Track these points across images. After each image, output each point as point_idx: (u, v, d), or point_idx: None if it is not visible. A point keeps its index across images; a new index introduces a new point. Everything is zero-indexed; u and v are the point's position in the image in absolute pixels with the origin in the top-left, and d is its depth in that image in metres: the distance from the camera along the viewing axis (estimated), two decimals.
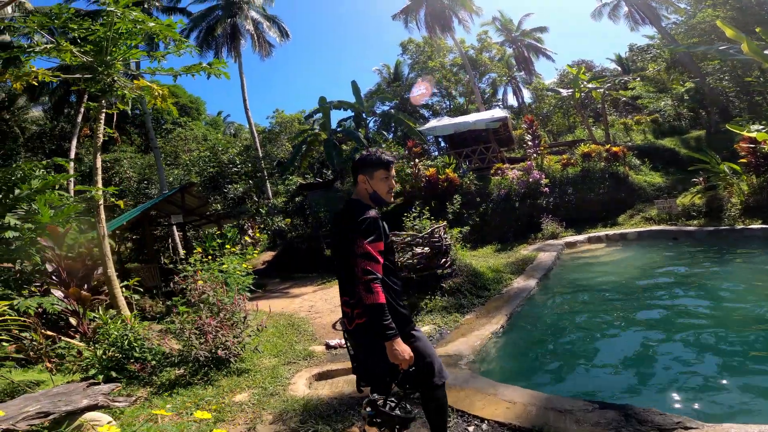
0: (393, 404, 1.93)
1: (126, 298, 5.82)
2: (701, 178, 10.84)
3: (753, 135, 8.86)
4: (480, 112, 23.05)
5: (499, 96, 39.65)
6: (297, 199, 14.89)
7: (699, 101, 20.36)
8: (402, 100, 33.92)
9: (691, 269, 6.67)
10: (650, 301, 5.42)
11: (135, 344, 4.43)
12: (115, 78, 5.69)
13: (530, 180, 12.65)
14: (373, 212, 2.10)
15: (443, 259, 6.42)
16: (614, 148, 13.48)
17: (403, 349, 1.92)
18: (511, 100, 40.37)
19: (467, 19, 29.49)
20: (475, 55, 35.26)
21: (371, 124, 31.42)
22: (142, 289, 6.16)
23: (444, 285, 6.24)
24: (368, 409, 1.93)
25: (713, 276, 6.11)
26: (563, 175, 13.16)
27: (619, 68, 34.08)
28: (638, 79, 24.54)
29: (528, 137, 15.08)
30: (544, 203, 12.05)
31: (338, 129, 20.34)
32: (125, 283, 5.83)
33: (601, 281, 6.75)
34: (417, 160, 14.90)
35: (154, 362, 4.42)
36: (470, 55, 34.51)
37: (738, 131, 9.50)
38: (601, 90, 18.99)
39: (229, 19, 22.35)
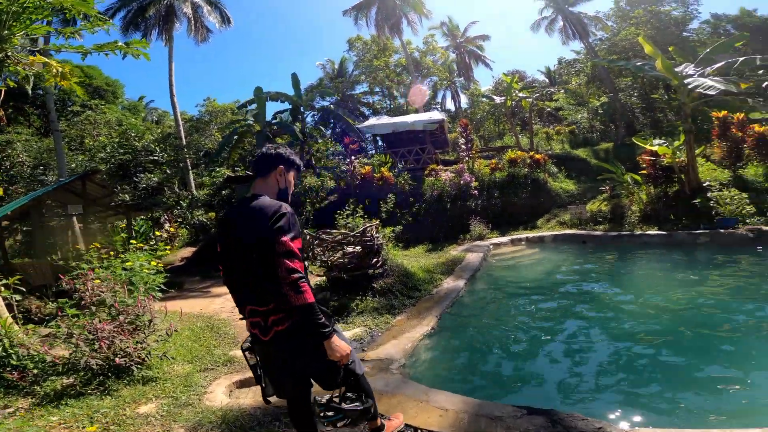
0: (352, 396, 1.98)
1: (5, 298, 4.97)
2: (608, 187, 12.01)
3: (654, 149, 10.00)
4: (418, 114, 23.56)
5: (438, 99, 41.02)
6: (224, 192, 13.99)
7: (610, 115, 22.72)
8: (343, 97, 33.61)
9: (598, 270, 7.34)
10: (567, 301, 5.82)
11: (11, 351, 3.87)
12: (9, 53, 4.89)
13: (461, 182, 13.12)
14: (288, 206, 1.93)
15: (375, 259, 6.35)
16: (537, 156, 14.47)
17: (341, 345, 1.89)
18: (449, 104, 42.01)
19: (416, 22, 30.25)
20: (419, 57, 36.11)
21: (309, 119, 30.75)
22: (24, 289, 5.28)
23: (375, 285, 6.16)
24: (329, 413, 1.95)
25: (618, 277, 6.78)
26: (491, 179, 13.83)
27: (547, 80, 36.94)
28: (562, 91, 26.78)
29: (462, 141, 15.65)
30: (473, 205, 12.55)
31: (273, 121, 19.52)
32: (4, 281, 4.97)
33: (524, 281, 7.13)
34: (354, 158, 14.77)
35: (36, 370, 3.88)
36: (415, 57, 35.32)
37: (642, 144, 10.66)
38: (530, 99, 20.38)
39: (165, 0, 20.45)
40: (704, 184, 9.19)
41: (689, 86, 8.74)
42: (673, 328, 4.40)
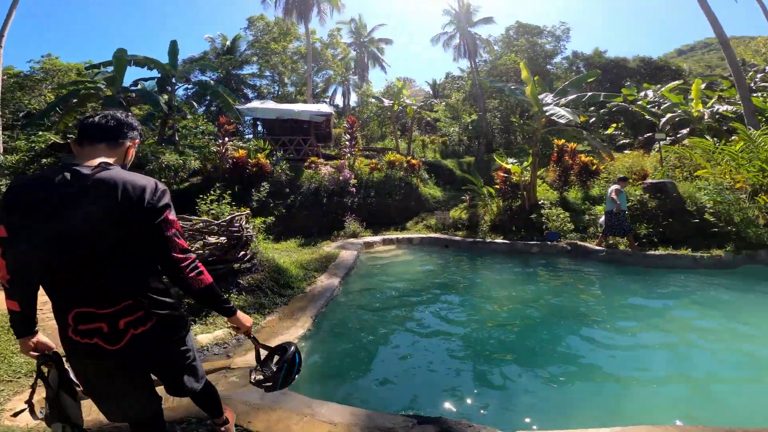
0: (276, 363, 2.02)
1: None
2: (468, 197, 13.44)
3: (508, 166, 11.52)
4: (307, 105, 22.93)
5: (329, 93, 40.76)
6: (45, 160, 11.31)
7: (477, 132, 25.59)
8: (228, 75, 30.74)
9: (458, 273, 8.11)
10: (435, 301, 6.25)
11: None
12: None
13: (341, 178, 13.12)
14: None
15: (243, 252, 5.83)
16: (413, 161, 15.37)
17: (245, 317, 1.88)
18: (338, 100, 42.14)
19: (327, 12, 29.63)
20: (320, 48, 35.27)
21: (180, 92, 27.21)
22: None
23: (242, 281, 5.64)
24: (263, 381, 1.98)
25: (473, 280, 7.59)
26: (370, 178, 14.16)
27: (431, 91, 39.80)
28: (443, 104, 29.12)
29: (347, 137, 15.66)
30: (349, 202, 12.66)
31: (132, 88, 16.60)
32: None
33: (396, 281, 7.39)
34: (227, 139, 13.48)
35: None
36: (316, 47, 34.38)
37: (500, 161, 12.19)
38: (415, 107, 21.59)
39: None
40: (540, 202, 10.97)
41: (547, 113, 10.27)
42: (531, 321, 5.11)
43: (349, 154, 15.19)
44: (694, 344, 4.48)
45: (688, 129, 17.00)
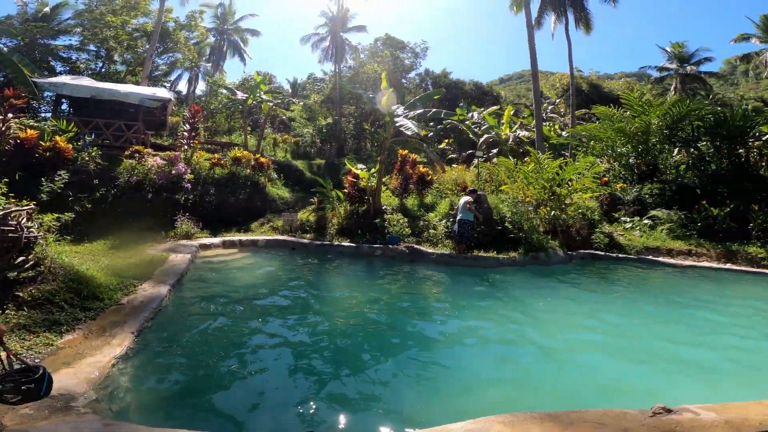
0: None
1: None
2: (317, 199, 13.46)
3: (358, 171, 11.94)
4: (140, 87, 19.51)
5: (172, 78, 35.47)
6: None
7: (330, 135, 25.88)
8: (32, 44, 23.55)
9: (304, 276, 7.97)
10: (281, 308, 5.94)
11: None
12: None
13: (173, 172, 11.52)
14: None
15: (22, 257, 4.48)
16: (262, 159, 14.59)
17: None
18: (182, 86, 37.19)
19: None
20: (173, 29, 30.03)
21: None
22: None
23: (22, 294, 4.33)
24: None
25: (320, 282, 7.56)
26: (210, 175, 12.86)
27: (291, 90, 38.46)
28: (301, 104, 28.39)
29: (186, 127, 13.83)
30: (182, 199, 11.22)
31: None
32: None
33: (238, 287, 6.79)
34: (10, 116, 10.39)
35: None
36: (168, 27, 29.11)
37: (351, 166, 12.54)
38: (271, 104, 20.45)
39: None
40: (383, 208, 11.74)
41: (396, 124, 10.99)
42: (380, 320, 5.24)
43: (186, 146, 13.49)
44: (502, 335, 5.39)
45: (497, 149, 20.78)
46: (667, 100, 16.79)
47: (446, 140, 26.13)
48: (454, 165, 17.80)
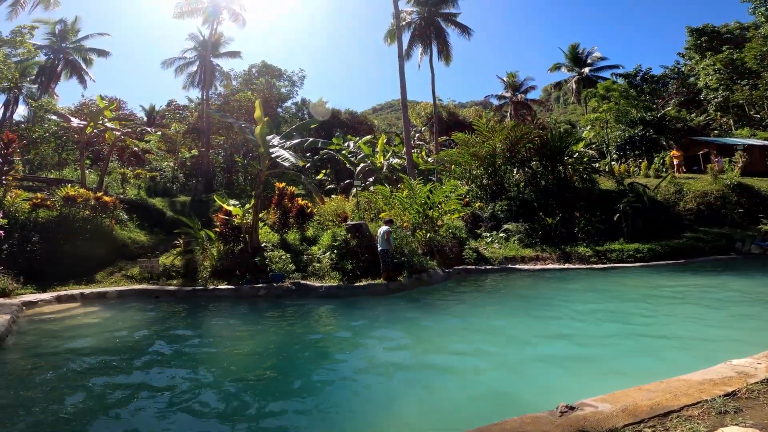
0: None
1: None
2: (182, 241, 11.90)
3: (230, 208, 10.91)
4: None
5: None
6: None
7: (196, 169, 23.36)
8: None
9: (173, 329, 6.76)
10: (145, 371, 4.81)
11: None
12: None
13: None
14: None
15: None
16: (106, 198, 12.35)
17: None
18: None
19: (27, 3, 21.67)
20: None
21: None
22: None
23: None
24: None
25: (195, 333, 6.48)
26: (32, 218, 10.41)
27: (146, 118, 33.63)
28: (159, 133, 24.90)
29: None
30: None
31: None
32: None
33: (80, 349, 5.47)
34: None
35: None
36: None
37: (221, 203, 11.41)
38: (119, 133, 17.43)
39: None
40: (263, 245, 10.97)
41: (272, 155, 10.37)
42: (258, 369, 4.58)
43: None
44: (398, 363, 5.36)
45: (373, 177, 21.64)
46: (505, 125, 19.89)
47: (323, 171, 26.21)
48: (332, 195, 17.85)
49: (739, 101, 31.14)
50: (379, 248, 9.92)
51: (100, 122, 16.61)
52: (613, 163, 25.15)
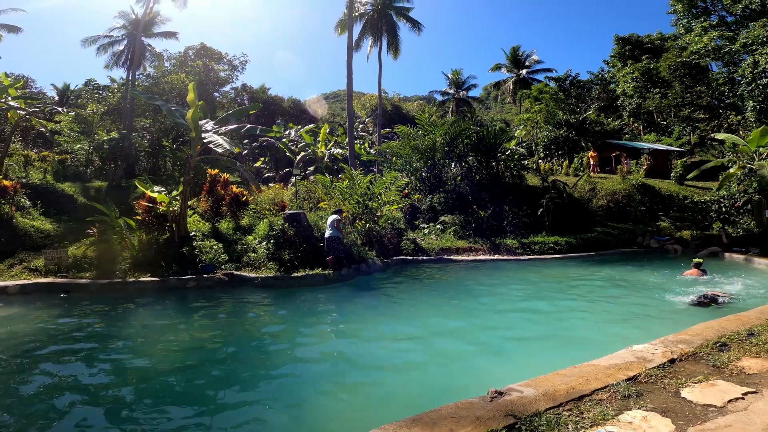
0: None
1: None
2: (96, 230, 10.80)
3: (154, 195, 10.06)
4: None
5: None
6: None
7: (115, 153, 21.14)
8: None
9: (86, 327, 6.12)
10: (50, 379, 4.29)
11: None
12: None
13: None
14: None
15: None
16: (5, 182, 10.86)
17: None
18: None
19: None
20: None
21: None
22: None
23: None
24: None
25: (112, 331, 5.93)
26: None
27: (58, 98, 29.84)
28: (72, 113, 22.03)
29: None
30: None
31: None
32: None
33: None
34: None
35: None
36: None
37: (143, 189, 10.48)
38: (23, 112, 15.23)
39: None
40: (192, 234, 10.30)
41: (205, 141, 9.65)
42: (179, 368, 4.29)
43: None
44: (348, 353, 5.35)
45: (314, 166, 21.22)
46: (446, 120, 20.47)
47: (262, 158, 25.14)
48: (271, 184, 17.22)
49: (650, 108, 34.82)
50: (328, 235, 9.91)
51: (2, 100, 14.53)
52: (539, 161, 27.03)
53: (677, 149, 27.11)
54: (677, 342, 3.63)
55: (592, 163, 24.01)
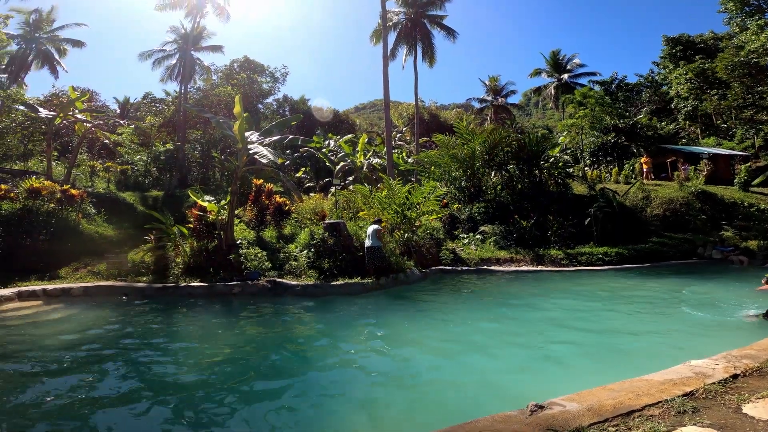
0: None
1: None
2: (153, 237, 11.56)
3: (205, 204, 10.66)
4: None
5: None
6: None
7: (170, 163, 22.66)
8: None
9: (143, 327, 6.55)
10: (108, 371, 4.64)
11: None
12: None
13: None
14: None
15: None
16: (73, 191, 11.89)
17: None
18: None
19: None
20: None
21: None
22: None
23: None
24: None
25: (165, 332, 6.30)
26: None
27: (119, 110, 32.56)
28: (132, 126, 24.04)
29: None
30: None
31: None
32: None
33: (47, 349, 5.23)
34: None
35: None
36: None
37: (196, 198, 11.14)
38: (89, 125, 16.75)
39: None
40: (238, 242, 10.77)
41: (250, 152, 10.15)
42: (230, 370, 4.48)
43: None
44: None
45: (353, 176, 21.57)
46: (485, 128, 20.15)
47: (303, 168, 25.91)
48: (311, 194, 17.69)
49: (708, 111, 32.50)
50: (368, 244, 10.06)
51: (71, 113, 15.99)
52: (586, 168, 25.89)
53: (740, 153, 25.09)
54: (741, 357, 3.33)
55: (645, 169, 22.70)
